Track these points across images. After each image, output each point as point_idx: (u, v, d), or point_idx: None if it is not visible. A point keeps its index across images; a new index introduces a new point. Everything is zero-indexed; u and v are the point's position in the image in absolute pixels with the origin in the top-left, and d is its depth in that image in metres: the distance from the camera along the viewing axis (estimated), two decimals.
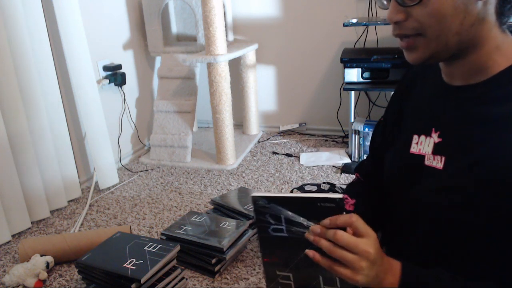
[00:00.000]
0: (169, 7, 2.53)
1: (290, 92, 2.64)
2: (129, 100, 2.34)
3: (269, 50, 2.58)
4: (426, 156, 0.69)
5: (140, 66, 2.43)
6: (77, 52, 1.80)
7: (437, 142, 0.68)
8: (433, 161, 0.67)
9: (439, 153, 0.67)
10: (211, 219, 1.46)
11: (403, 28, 0.62)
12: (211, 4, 1.89)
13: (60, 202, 1.82)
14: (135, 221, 1.70)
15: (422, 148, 0.70)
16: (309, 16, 2.43)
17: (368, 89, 2.05)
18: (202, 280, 1.30)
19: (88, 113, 1.89)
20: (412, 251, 0.73)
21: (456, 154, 0.64)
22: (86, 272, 1.22)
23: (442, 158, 0.66)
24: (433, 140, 0.69)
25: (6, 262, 1.47)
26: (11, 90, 1.56)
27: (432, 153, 0.68)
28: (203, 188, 1.97)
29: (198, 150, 2.44)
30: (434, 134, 0.69)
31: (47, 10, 1.73)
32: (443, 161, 0.66)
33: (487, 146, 0.60)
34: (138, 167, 2.28)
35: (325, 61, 2.49)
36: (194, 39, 2.57)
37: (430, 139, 0.69)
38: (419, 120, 0.74)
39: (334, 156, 2.22)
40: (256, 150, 2.42)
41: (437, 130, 0.68)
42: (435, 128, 0.69)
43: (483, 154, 0.60)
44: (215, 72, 2.00)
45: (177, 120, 2.29)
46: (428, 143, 0.69)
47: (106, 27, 2.14)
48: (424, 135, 0.71)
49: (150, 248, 1.23)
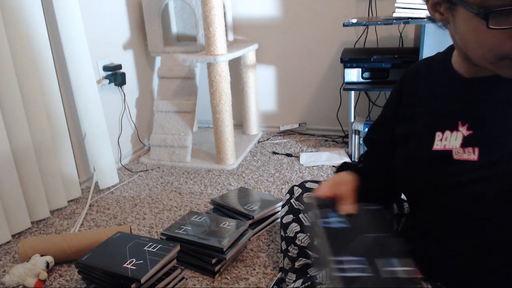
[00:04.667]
0: (169, 7, 2.53)
1: (290, 92, 2.64)
2: (129, 100, 2.34)
3: (269, 50, 2.58)
4: (453, 150, 0.69)
5: (140, 66, 2.43)
6: (77, 52, 1.80)
7: (466, 135, 0.68)
8: (464, 154, 0.68)
9: (471, 145, 0.67)
10: (211, 219, 1.46)
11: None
12: (211, 4, 1.89)
13: (60, 202, 1.82)
14: (135, 221, 1.70)
15: (447, 143, 0.71)
16: (309, 16, 2.43)
17: (368, 89, 2.04)
18: (202, 280, 1.30)
19: (88, 113, 1.89)
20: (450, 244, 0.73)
21: (491, 144, 0.65)
22: (86, 272, 1.22)
23: (475, 149, 0.66)
24: (461, 133, 0.69)
25: (6, 262, 1.47)
26: (11, 90, 1.56)
27: (461, 146, 0.68)
28: (203, 188, 1.97)
29: (198, 150, 2.44)
30: (462, 128, 0.69)
31: (47, 10, 1.73)
32: (477, 152, 0.66)
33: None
34: (138, 167, 2.28)
35: (325, 61, 2.49)
36: (194, 39, 2.57)
37: (458, 133, 0.70)
38: (439, 117, 0.74)
39: (334, 156, 2.22)
40: (256, 150, 2.42)
41: (465, 122, 0.69)
42: (462, 122, 0.69)
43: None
44: (215, 72, 2.00)
45: (177, 120, 2.29)
46: (455, 138, 0.70)
47: (106, 27, 2.14)
48: (449, 130, 0.71)
49: (150, 248, 1.23)
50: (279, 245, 1.02)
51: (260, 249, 1.44)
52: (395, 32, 2.31)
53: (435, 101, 0.76)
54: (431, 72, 0.79)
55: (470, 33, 0.60)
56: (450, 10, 0.63)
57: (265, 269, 1.33)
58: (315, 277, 0.74)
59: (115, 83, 2.16)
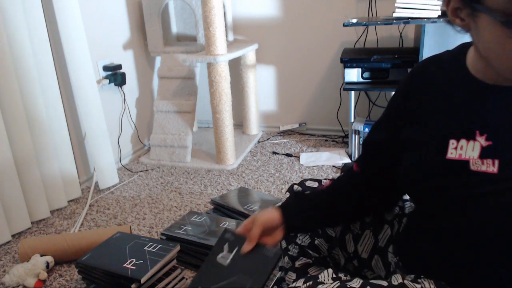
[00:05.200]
0: (169, 7, 2.53)
1: (290, 92, 2.64)
2: (129, 100, 2.34)
3: (269, 50, 2.58)
4: (471, 161, 0.65)
5: (140, 66, 2.43)
6: (77, 52, 1.80)
7: (485, 146, 0.64)
8: (482, 165, 0.64)
9: (490, 157, 0.64)
10: (211, 219, 1.46)
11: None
12: (211, 4, 1.89)
13: (60, 202, 1.82)
14: (135, 221, 1.70)
15: (463, 153, 0.66)
16: (309, 16, 2.43)
17: (368, 89, 2.04)
18: None
19: (88, 113, 1.89)
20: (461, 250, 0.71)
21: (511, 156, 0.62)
22: (86, 272, 1.22)
23: (495, 161, 0.63)
24: (479, 143, 0.65)
25: (6, 262, 1.47)
26: (11, 90, 1.56)
27: (480, 157, 0.64)
28: (203, 188, 1.97)
29: (198, 150, 2.44)
30: (479, 138, 0.65)
31: (47, 10, 1.73)
32: (497, 165, 0.63)
33: None
34: (138, 167, 2.28)
35: (325, 61, 2.49)
36: (194, 39, 2.57)
37: (475, 143, 0.65)
38: (453, 124, 0.70)
39: (334, 156, 2.22)
40: (256, 150, 2.42)
41: (483, 133, 0.65)
42: (480, 131, 0.65)
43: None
44: (215, 72, 2.00)
45: (177, 120, 2.29)
46: (472, 148, 0.65)
47: (106, 27, 2.14)
48: (464, 139, 0.67)
49: (150, 248, 1.23)
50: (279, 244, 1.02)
51: None
52: (395, 32, 2.31)
53: (448, 106, 0.71)
54: (442, 72, 0.74)
55: (494, 42, 0.57)
56: (472, 17, 0.59)
57: None
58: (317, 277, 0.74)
59: (115, 83, 2.16)
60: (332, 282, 0.71)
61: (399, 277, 0.72)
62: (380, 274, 0.97)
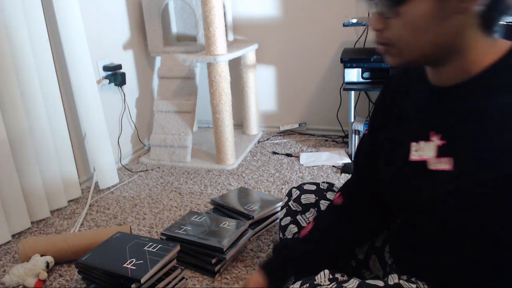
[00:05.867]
0: (169, 7, 2.53)
1: (290, 92, 2.64)
2: (129, 100, 2.34)
3: (269, 50, 2.58)
4: (429, 160, 0.69)
5: (140, 66, 2.43)
6: (77, 52, 1.80)
7: (440, 145, 0.68)
8: (438, 164, 0.67)
9: (445, 155, 0.66)
10: (211, 219, 1.46)
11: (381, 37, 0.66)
12: (211, 4, 1.89)
13: (60, 202, 1.82)
14: (135, 221, 1.70)
15: (423, 153, 0.70)
16: (309, 16, 2.43)
17: (368, 89, 2.04)
18: (202, 280, 1.30)
19: (88, 113, 1.89)
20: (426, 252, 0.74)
21: (464, 153, 0.64)
22: (86, 272, 1.22)
23: (450, 159, 0.66)
24: (434, 143, 0.68)
25: (6, 262, 1.47)
26: (11, 90, 1.56)
27: (436, 156, 0.67)
28: (203, 188, 1.97)
29: (198, 150, 2.44)
30: (434, 138, 0.69)
31: (47, 10, 1.73)
32: (452, 162, 0.65)
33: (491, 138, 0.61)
34: (138, 167, 2.28)
35: (325, 61, 2.49)
36: (194, 39, 2.57)
37: (431, 143, 0.69)
38: (413, 127, 0.74)
39: (334, 156, 2.22)
40: (256, 150, 2.43)
41: (438, 133, 0.68)
42: (435, 131, 0.69)
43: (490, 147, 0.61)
44: (215, 72, 2.00)
45: (177, 120, 2.29)
46: (429, 148, 0.69)
47: (106, 27, 2.14)
48: (423, 141, 0.70)
49: (150, 248, 1.23)
50: None
51: (260, 249, 1.44)
52: None
53: (411, 111, 0.75)
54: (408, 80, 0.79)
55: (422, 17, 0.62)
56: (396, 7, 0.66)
57: None
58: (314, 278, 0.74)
59: (115, 83, 2.16)
60: (329, 283, 0.71)
61: (395, 277, 0.73)
62: (378, 274, 0.97)
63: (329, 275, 0.75)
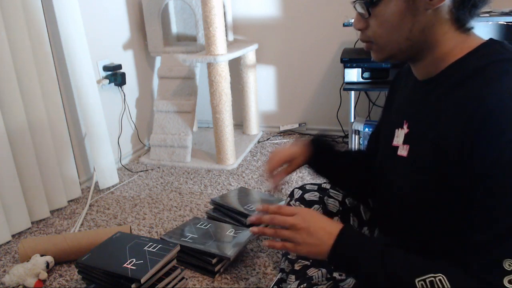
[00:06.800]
0: (169, 7, 2.53)
1: (290, 92, 2.64)
2: (129, 100, 2.34)
3: (269, 50, 2.58)
4: (399, 146, 0.76)
5: (140, 66, 2.43)
6: (77, 52, 1.80)
7: (406, 132, 0.74)
8: (402, 150, 0.74)
9: (406, 143, 0.74)
10: (215, 227, 1.46)
11: (362, 35, 0.75)
12: (211, 4, 1.89)
13: (60, 202, 1.82)
14: (135, 221, 1.70)
15: (398, 140, 0.77)
16: (309, 16, 2.43)
17: (368, 89, 2.04)
18: (202, 280, 1.30)
19: (88, 113, 1.89)
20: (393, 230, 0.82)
21: (417, 141, 0.71)
22: (86, 272, 1.22)
23: (407, 146, 0.73)
24: (404, 131, 0.75)
25: (6, 262, 1.47)
26: (11, 90, 1.56)
27: (403, 143, 0.75)
28: (203, 188, 1.97)
29: (198, 150, 2.44)
30: (405, 126, 0.75)
31: (47, 10, 1.73)
32: (408, 149, 0.72)
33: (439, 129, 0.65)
34: (138, 167, 2.28)
35: (325, 61, 2.49)
36: (194, 39, 2.57)
37: (402, 131, 0.76)
38: (397, 116, 0.81)
39: None
40: (256, 150, 2.42)
41: (407, 122, 0.75)
42: (406, 120, 0.75)
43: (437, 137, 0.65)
44: (215, 72, 2.00)
45: (177, 120, 2.29)
46: (401, 135, 0.76)
47: (106, 27, 2.14)
48: (400, 128, 0.77)
49: (150, 248, 1.23)
50: None
51: (260, 249, 1.44)
52: None
53: (399, 103, 0.83)
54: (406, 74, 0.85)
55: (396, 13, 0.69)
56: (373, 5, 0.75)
57: (265, 269, 1.33)
58: (311, 278, 0.75)
59: (115, 83, 2.16)
60: (326, 283, 0.72)
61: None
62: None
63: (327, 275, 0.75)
